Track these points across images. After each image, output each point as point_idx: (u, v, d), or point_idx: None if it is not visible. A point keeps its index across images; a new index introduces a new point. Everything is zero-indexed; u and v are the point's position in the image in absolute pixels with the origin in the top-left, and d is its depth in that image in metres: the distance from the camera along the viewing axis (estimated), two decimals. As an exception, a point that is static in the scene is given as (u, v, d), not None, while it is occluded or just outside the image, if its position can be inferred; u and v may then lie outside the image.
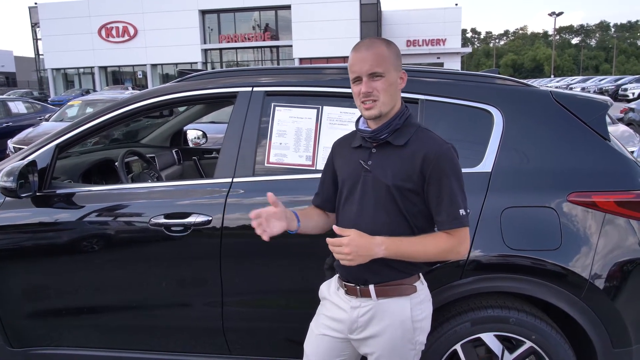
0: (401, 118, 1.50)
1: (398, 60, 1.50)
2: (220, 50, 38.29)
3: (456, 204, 1.44)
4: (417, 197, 1.48)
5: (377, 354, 1.53)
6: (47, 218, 2.22)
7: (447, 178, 1.44)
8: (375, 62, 1.44)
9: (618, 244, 1.91)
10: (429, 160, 1.43)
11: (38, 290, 2.28)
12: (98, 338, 2.31)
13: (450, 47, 38.36)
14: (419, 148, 1.46)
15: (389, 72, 1.45)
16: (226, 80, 2.28)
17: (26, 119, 10.99)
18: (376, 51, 1.45)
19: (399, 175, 1.46)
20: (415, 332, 1.52)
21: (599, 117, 2.03)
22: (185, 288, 2.17)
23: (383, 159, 1.50)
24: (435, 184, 1.44)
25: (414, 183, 1.46)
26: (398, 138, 1.49)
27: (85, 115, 2.39)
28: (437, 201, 1.45)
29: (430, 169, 1.44)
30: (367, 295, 1.51)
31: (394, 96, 1.48)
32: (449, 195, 1.44)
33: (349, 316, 1.54)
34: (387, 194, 1.47)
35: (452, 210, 1.44)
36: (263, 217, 1.46)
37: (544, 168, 1.96)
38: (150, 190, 2.27)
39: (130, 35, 37.29)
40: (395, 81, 1.48)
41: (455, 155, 1.47)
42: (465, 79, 2.14)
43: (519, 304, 1.99)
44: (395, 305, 1.50)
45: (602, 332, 1.92)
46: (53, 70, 39.68)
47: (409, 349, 1.53)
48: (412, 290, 1.52)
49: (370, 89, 1.45)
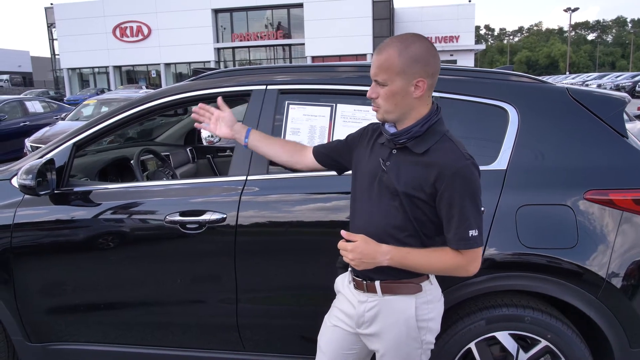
0: (423, 125, 1.43)
1: (413, 66, 1.37)
2: (233, 49, 38.46)
3: (466, 225, 1.38)
4: (428, 206, 1.44)
5: (383, 350, 1.54)
6: (65, 215, 2.26)
7: (460, 198, 1.37)
8: (379, 69, 1.40)
9: (636, 243, 1.88)
10: (443, 175, 1.38)
11: (56, 286, 2.32)
12: (114, 334, 2.34)
13: (464, 44, 38.08)
14: (436, 160, 1.40)
15: (392, 81, 1.39)
16: (240, 78, 2.30)
17: (43, 118, 11.16)
18: (384, 57, 1.39)
19: (410, 183, 1.43)
20: (420, 331, 1.51)
21: (616, 114, 2.00)
22: (199, 285, 2.19)
23: (400, 163, 1.46)
24: (446, 201, 1.39)
25: (426, 194, 1.42)
26: (418, 145, 1.44)
27: (101, 114, 2.42)
28: (448, 218, 1.41)
29: (443, 184, 1.38)
30: (373, 291, 1.52)
31: (399, 105, 1.42)
32: (459, 215, 1.38)
33: (356, 310, 1.56)
34: (396, 199, 1.45)
35: (461, 231, 1.39)
36: (214, 115, 1.60)
37: (560, 165, 1.94)
38: (165, 188, 2.29)
39: (144, 34, 37.63)
40: (403, 89, 1.39)
41: (475, 172, 1.40)
42: (480, 76, 2.12)
43: (535, 302, 1.97)
44: (400, 303, 1.50)
45: (619, 331, 1.90)
46: (69, 70, 40.21)
47: (415, 347, 1.52)
48: (417, 289, 1.50)
49: (374, 94, 1.43)
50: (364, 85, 2.13)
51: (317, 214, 2.04)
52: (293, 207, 2.07)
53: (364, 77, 2.15)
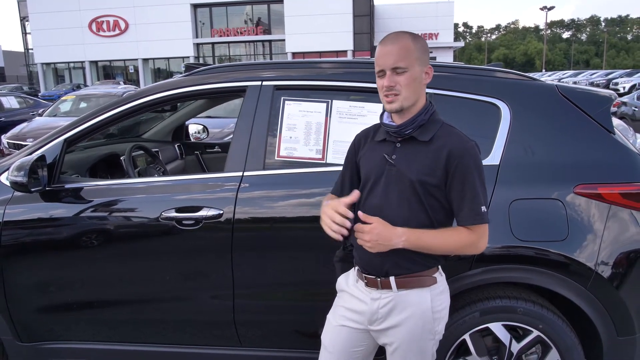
0: (426, 114, 1.51)
1: (424, 54, 1.50)
2: (213, 44, 38.05)
3: (478, 201, 1.46)
4: (440, 191, 1.50)
5: (397, 344, 1.55)
6: (57, 212, 2.22)
7: (471, 175, 1.46)
8: (399, 56, 1.45)
9: (623, 235, 1.95)
10: (453, 156, 1.46)
11: (47, 285, 2.28)
12: (108, 332, 2.32)
13: (443, 42, 38.40)
14: (444, 144, 1.48)
15: (412, 66, 1.46)
16: (235, 74, 2.29)
17: (19, 114, 10.91)
18: (401, 45, 1.46)
19: (423, 170, 1.48)
20: (435, 322, 1.55)
21: (603, 111, 2.07)
22: (196, 281, 2.18)
23: (407, 154, 1.51)
24: (458, 180, 1.46)
25: (438, 178, 1.47)
26: (423, 134, 1.50)
27: (92, 110, 2.38)
28: (460, 196, 1.47)
29: (454, 165, 1.46)
30: (388, 287, 1.53)
31: (416, 91, 1.49)
32: (471, 191, 1.46)
33: (369, 308, 1.56)
34: (410, 189, 1.49)
35: (475, 207, 1.46)
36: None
37: (550, 161, 1.99)
38: (159, 184, 2.27)
39: (121, 29, 36.92)
40: (420, 76, 1.49)
41: (479, 152, 1.50)
42: (472, 73, 2.16)
43: (527, 294, 2.03)
44: (415, 296, 1.53)
45: (607, 320, 1.97)
46: (43, 64, 39.22)
47: (429, 339, 1.56)
48: (432, 281, 1.55)
49: (392, 82, 1.46)
50: (360, 81, 2.15)
51: (315, 210, 2.05)
52: (290, 203, 2.08)
53: (359, 73, 2.17)
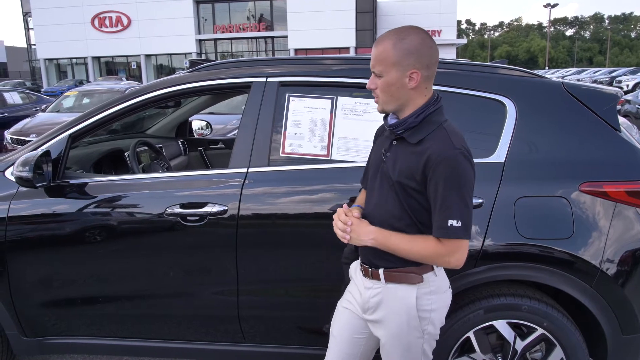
0: (418, 116, 1.45)
1: (408, 58, 1.40)
2: (215, 40, 38.04)
3: (446, 214, 1.38)
4: (420, 195, 1.45)
5: (385, 339, 1.58)
6: (62, 208, 2.22)
7: (444, 185, 1.38)
8: (375, 60, 1.44)
9: (628, 233, 1.95)
10: (430, 162, 1.39)
11: (52, 280, 2.29)
12: (112, 327, 2.32)
13: (446, 39, 38.30)
14: (427, 147, 1.42)
15: (387, 72, 1.43)
16: (240, 70, 2.29)
17: (22, 110, 10.89)
18: (379, 49, 1.44)
19: (403, 172, 1.46)
20: (422, 321, 1.53)
21: (610, 108, 2.06)
22: (200, 277, 2.19)
23: (397, 154, 1.50)
24: (433, 188, 1.41)
25: (417, 182, 1.44)
26: (413, 136, 1.46)
27: (97, 105, 2.38)
28: (434, 205, 1.42)
29: (430, 171, 1.40)
30: (377, 278, 1.55)
31: (395, 96, 1.45)
32: (441, 202, 1.39)
33: (362, 296, 1.60)
34: (391, 188, 1.49)
35: (441, 219, 1.40)
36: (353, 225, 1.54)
37: (556, 158, 1.99)
38: (164, 180, 2.27)
39: (124, 25, 36.93)
40: (398, 81, 1.43)
41: (463, 162, 1.38)
42: (477, 70, 2.16)
43: (531, 292, 2.02)
44: (401, 292, 1.53)
45: (612, 318, 1.96)
46: (45, 60, 39.28)
47: (416, 336, 1.55)
48: (418, 280, 1.51)
49: (373, 85, 1.47)
50: (365, 78, 2.14)
51: (319, 207, 2.05)
52: (294, 200, 2.08)
53: (365, 69, 2.16)
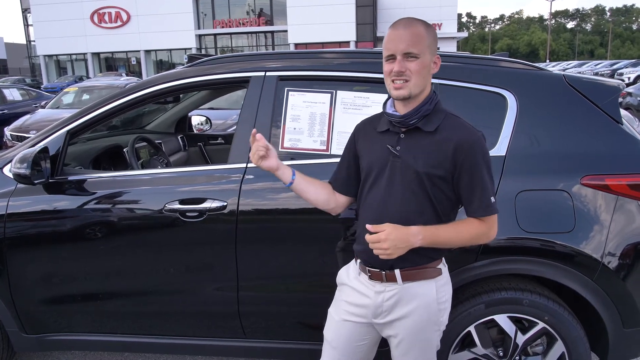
0: (431, 103, 1.48)
1: (435, 43, 1.48)
2: (215, 35, 37.90)
3: (488, 193, 1.47)
4: (446, 183, 1.49)
5: (402, 335, 1.55)
6: (60, 204, 2.22)
7: (480, 167, 1.45)
8: (412, 42, 1.42)
9: (630, 226, 1.93)
10: (462, 149, 1.44)
11: (52, 277, 2.28)
12: (112, 323, 2.32)
13: (446, 32, 38.11)
14: (451, 135, 1.46)
15: (424, 54, 1.43)
16: (238, 65, 2.27)
17: (22, 106, 10.87)
18: (414, 31, 1.43)
19: (429, 162, 1.46)
20: (440, 313, 1.55)
21: (611, 101, 2.04)
22: (200, 273, 2.18)
23: (412, 145, 1.49)
24: (467, 173, 1.46)
25: (445, 170, 1.46)
26: (428, 124, 1.48)
27: (95, 101, 2.37)
28: (470, 189, 1.47)
29: (462, 157, 1.44)
30: (393, 280, 1.52)
31: (425, 79, 1.47)
32: (481, 184, 1.46)
33: (373, 301, 1.56)
34: (416, 180, 1.47)
35: (485, 199, 1.47)
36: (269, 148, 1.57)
37: (557, 151, 1.97)
38: (163, 176, 2.26)
39: (123, 20, 36.80)
40: (429, 65, 1.46)
41: (485, 144, 1.49)
42: (478, 63, 2.14)
43: (532, 286, 2.01)
44: (421, 288, 1.52)
45: (613, 312, 1.96)
46: (45, 57, 39.17)
47: (434, 330, 1.56)
48: (437, 273, 1.54)
49: (403, 68, 1.43)
50: (365, 71, 2.13)
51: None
52: (294, 195, 2.06)
53: (365, 63, 2.15)
